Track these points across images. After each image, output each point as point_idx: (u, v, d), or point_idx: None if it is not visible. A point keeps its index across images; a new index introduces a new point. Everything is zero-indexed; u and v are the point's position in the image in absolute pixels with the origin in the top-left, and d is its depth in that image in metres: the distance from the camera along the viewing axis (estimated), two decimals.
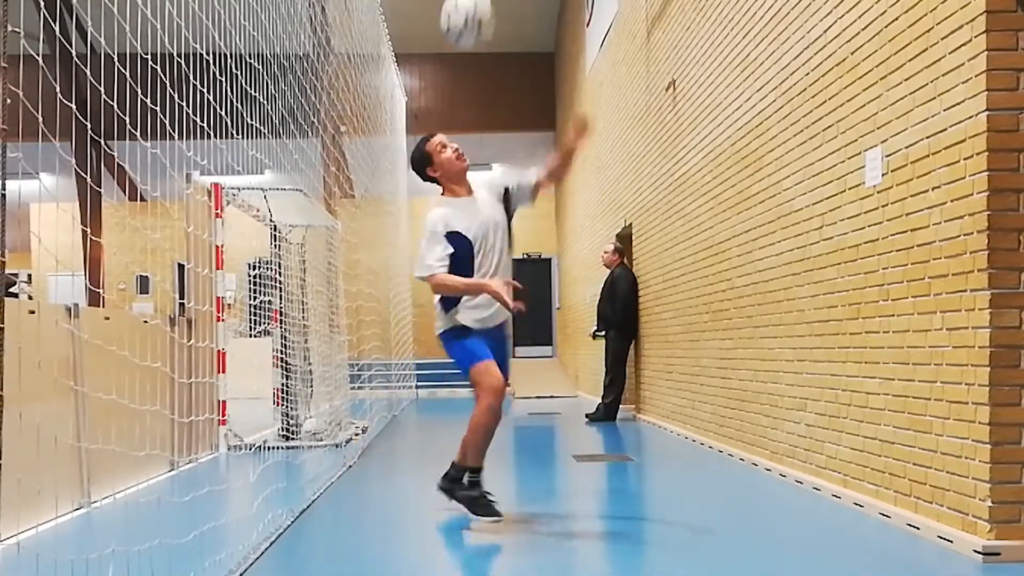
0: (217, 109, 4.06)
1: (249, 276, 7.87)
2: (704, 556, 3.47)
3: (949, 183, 3.49)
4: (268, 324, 7.73)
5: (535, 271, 19.40)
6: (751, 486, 5.17)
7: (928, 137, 3.63)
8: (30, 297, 17.31)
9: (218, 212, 6.76)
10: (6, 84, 2.20)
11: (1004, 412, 3.24)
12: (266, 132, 4.73)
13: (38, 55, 2.89)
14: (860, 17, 4.19)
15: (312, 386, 7.76)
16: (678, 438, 7.53)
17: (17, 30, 2.30)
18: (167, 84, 3.57)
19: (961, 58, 3.39)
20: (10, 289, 15.00)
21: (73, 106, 2.84)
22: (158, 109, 3.55)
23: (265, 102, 4.79)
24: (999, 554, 3.20)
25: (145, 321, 5.56)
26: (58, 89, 2.71)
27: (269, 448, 6.71)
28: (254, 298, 7.80)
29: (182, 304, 6.49)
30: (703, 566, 3.35)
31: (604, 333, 9.51)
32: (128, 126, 3.36)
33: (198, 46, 3.94)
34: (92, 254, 14.59)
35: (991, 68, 3.25)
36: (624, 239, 10.03)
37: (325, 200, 8.71)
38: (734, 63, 6.02)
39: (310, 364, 7.71)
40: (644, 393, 9.34)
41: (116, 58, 3.23)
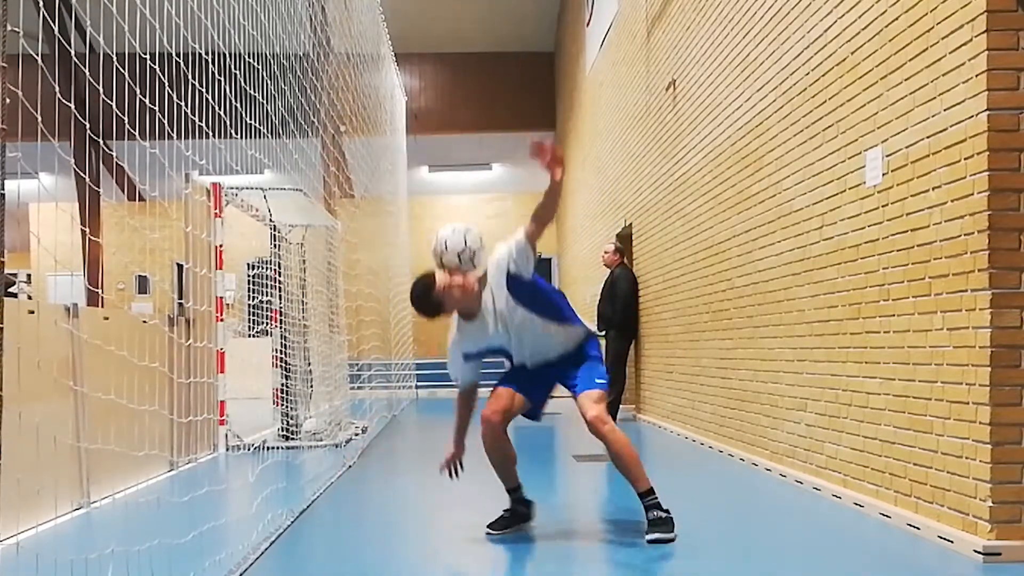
0: (216, 109, 4.05)
1: (249, 276, 7.86)
2: (704, 556, 3.47)
3: (949, 183, 3.49)
4: (268, 324, 7.73)
5: (535, 271, 19.39)
6: (751, 486, 5.17)
7: (928, 137, 3.63)
8: (29, 297, 17.29)
9: (217, 212, 6.75)
10: (6, 84, 2.19)
11: (1005, 412, 3.24)
12: (266, 132, 4.72)
13: (38, 55, 2.89)
14: (860, 17, 4.19)
15: (312, 386, 7.75)
16: (678, 438, 7.53)
17: (17, 30, 2.30)
18: (166, 84, 3.56)
19: (961, 58, 3.39)
20: (9, 289, 15.00)
21: (72, 106, 2.84)
22: (157, 109, 3.54)
23: (265, 102, 4.79)
24: (999, 554, 3.20)
25: (144, 321, 5.55)
26: (57, 89, 2.71)
27: (269, 448, 6.71)
28: (254, 298, 7.80)
29: (181, 304, 6.48)
30: (703, 566, 3.35)
31: (604, 333, 9.49)
32: (127, 126, 3.35)
33: (197, 46, 3.94)
34: (91, 254, 14.58)
35: (991, 68, 3.25)
36: (624, 239, 10.02)
37: (325, 200, 8.70)
38: (734, 63, 6.01)
39: (310, 364, 7.71)
40: (644, 393, 9.34)
41: (115, 58, 3.23)
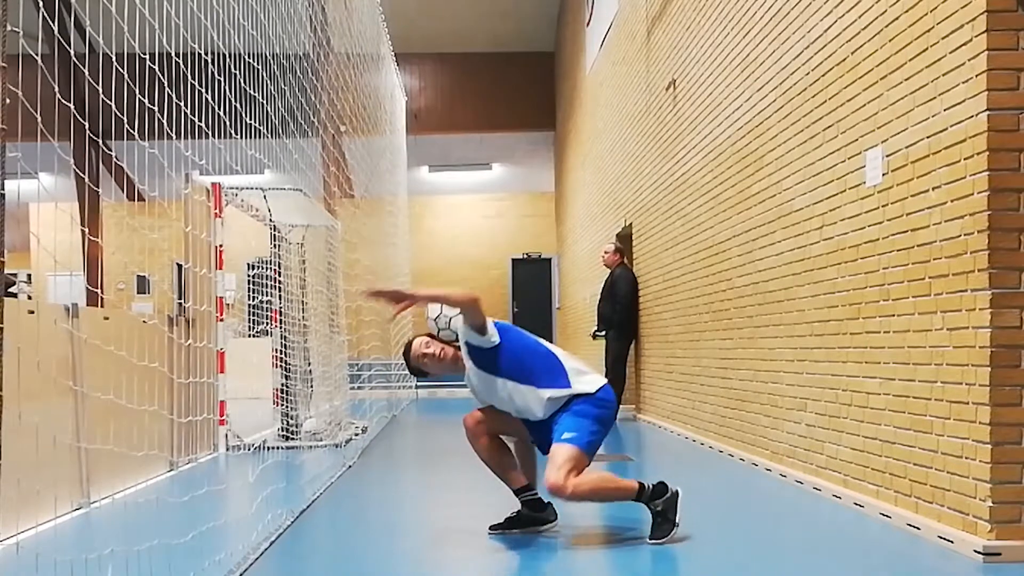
0: (216, 109, 4.05)
1: (249, 276, 7.86)
2: (704, 556, 3.47)
3: (949, 183, 3.49)
4: (268, 324, 7.73)
5: (535, 271, 19.41)
6: (751, 486, 5.17)
7: (928, 137, 3.63)
8: (29, 297, 17.30)
9: (217, 212, 6.75)
10: (6, 84, 2.19)
11: (1005, 412, 3.24)
12: (266, 132, 4.72)
13: (38, 55, 2.89)
14: (860, 17, 4.19)
15: (312, 386, 7.75)
16: (678, 438, 7.53)
17: (17, 30, 2.30)
18: (166, 84, 3.56)
19: (961, 58, 3.39)
20: (9, 289, 14.99)
21: (72, 106, 2.84)
22: (157, 109, 3.54)
23: (265, 102, 4.78)
24: (999, 554, 3.20)
25: (144, 321, 5.55)
26: (57, 89, 2.71)
27: (269, 448, 6.71)
28: (254, 298, 7.80)
29: (181, 304, 6.48)
30: (703, 566, 3.35)
31: (604, 333, 9.50)
32: (127, 126, 3.35)
33: (197, 46, 3.94)
34: (91, 254, 14.58)
35: (991, 68, 3.25)
36: (624, 239, 10.02)
37: (325, 200, 8.70)
38: (734, 63, 6.01)
39: (310, 364, 7.70)
40: (644, 393, 9.34)
41: (115, 58, 3.22)
